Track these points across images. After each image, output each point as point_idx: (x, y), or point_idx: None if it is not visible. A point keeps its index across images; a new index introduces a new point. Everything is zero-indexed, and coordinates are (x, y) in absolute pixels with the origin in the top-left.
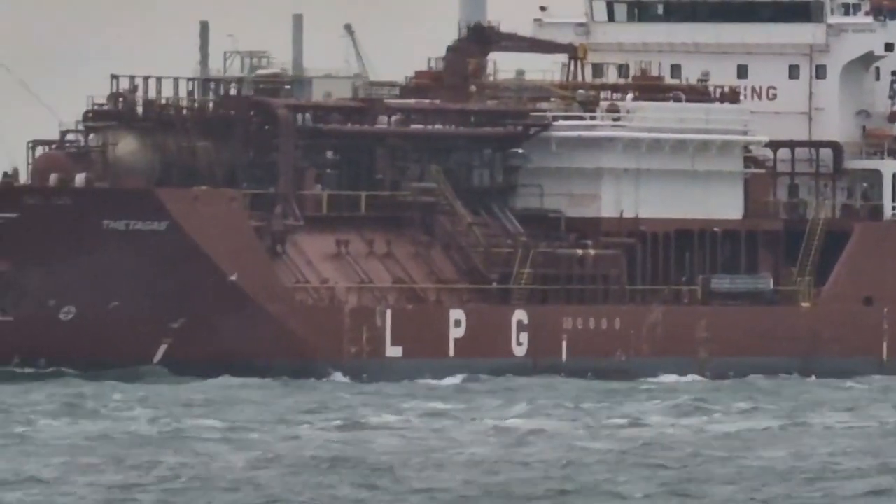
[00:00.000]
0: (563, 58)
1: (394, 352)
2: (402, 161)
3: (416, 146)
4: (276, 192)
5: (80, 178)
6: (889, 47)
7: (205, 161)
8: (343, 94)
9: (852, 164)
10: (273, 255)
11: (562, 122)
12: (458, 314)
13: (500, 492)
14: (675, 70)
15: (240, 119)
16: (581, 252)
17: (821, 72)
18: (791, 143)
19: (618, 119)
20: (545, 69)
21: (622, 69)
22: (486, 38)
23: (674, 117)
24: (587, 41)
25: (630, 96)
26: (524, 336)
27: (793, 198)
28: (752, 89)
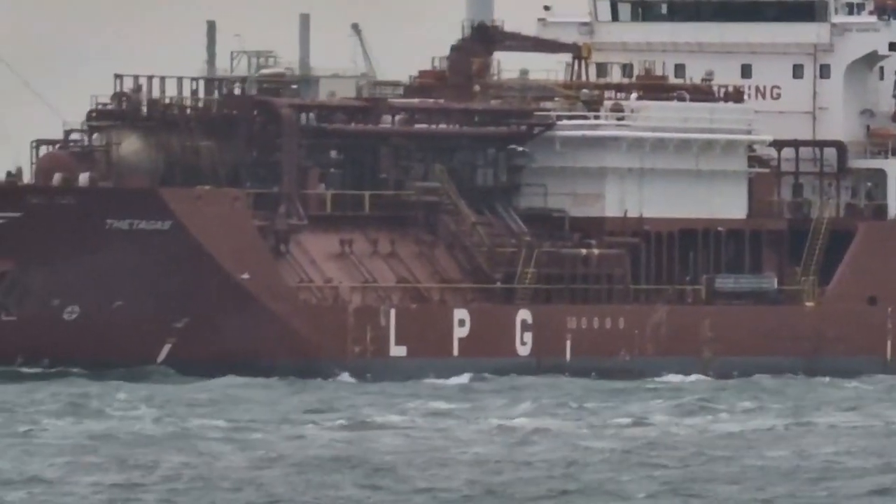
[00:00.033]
0: (567, 57)
1: (398, 351)
2: (405, 160)
3: (420, 146)
4: (280, 191)
5: (83, 178)
6: (893, 47)
7: (208, 161)
8: (347, 93)
9: (856, 163)
10: (277, 255)
11: (566, 122)
12: (462, 314)
13: (503, 491)
14: (679, 69)
15: (243, 118)
16: (585, 252)
17: (825, 71)
18: (795, 143)
19: (622, 118)
20: (549, 69)
21: (626, 69)
22: (489, 38)
23: (678, 117)
24: (591, 41)
25: (634, 96)
26: (528, 336)
27: (797, 197)
28: (756, 89)
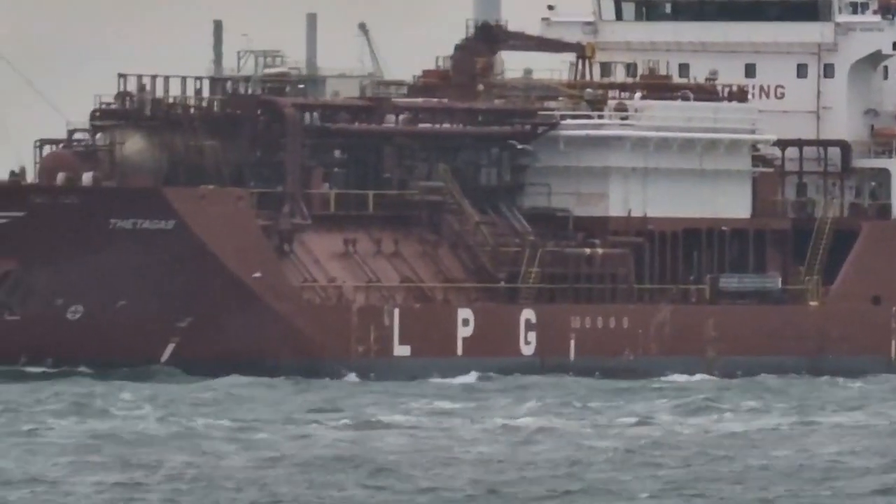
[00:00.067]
0: (571, 57)
1: (402, 351)
2: (409, 160)
3: (424, 145)
4: (284, 191)
5: (87, 177)
6: None
7: (212, 160)
8: (351, 93)
9: (860, 163)
10: (280, 254)
11: (570, 121)
12: (465, 313)
13: (507, 491)
14: (683, 69)
15: (247, 118)
16: (589, 251)
17: (829, 71)
18: (799, 142)
19: (626, 118)
20: (553, 68)
21: (630, 68)
22: (493, 37)
23: (682, 116)
24: (595, 40)
25: (638, 95)
26: (532, 335)
27: (801, 197)
28: (760, 88)
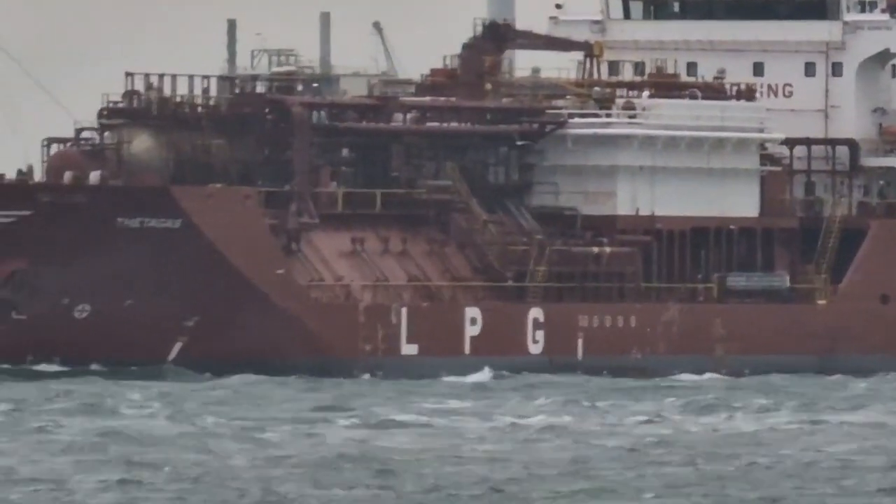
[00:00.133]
0: (579, 55)
1: (409, 349)
2: (417, 159)
3: (432, 144)
4: (292, 189)
5: (94, 176)
6: None
7: (220, 159)
8: (359, 91)
9: (868, 161)
10: (288, 253)
11: (577, 120)
12: (473, 312)
13: (515, 489)
14: (691, 68)
15: (255, 117)
16: (597, 250)
17: (837, 69)
18: (807, 141)
19: (633, 117)
20: (561, 67)
21: (638, 67)
22: (501, 36)
23: (690, 115)
24: (603, 39)
25: (646, 94)
26: (540, 334)
27: (809, 195)
28: (769, 87)
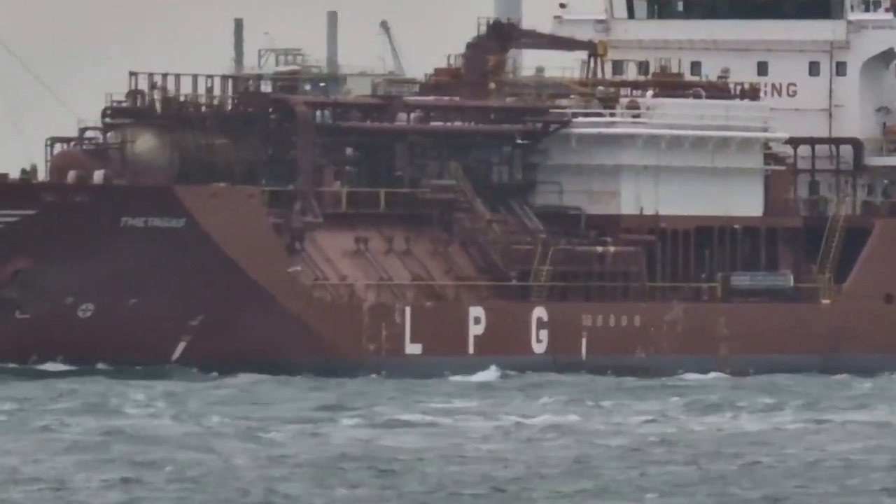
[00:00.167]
0: (583, 55)
1: (413, 349)
2: (421, 158)
3: (436, 143)
4: (295, 189)
5: (98, 175)
6: None
7: (223, 158)
8: (366, 91)
9: (873, 160)
10: (292, 253)
11: (581, 119)
12: (477, 311)
13: (518, 489)
14: (695, 67)
15: (259, 116)
16: (601, 249)
17: (841, 68)
18: (811, 140)
19: (637, 116)
20: (565, 66)
21: (642, 66)
22: (505, 35)
23: (694, 114)
24: (607, 38)
25: (650, 93)
26: (544, 333)
27: (813, 195)
28: (773, 86)
